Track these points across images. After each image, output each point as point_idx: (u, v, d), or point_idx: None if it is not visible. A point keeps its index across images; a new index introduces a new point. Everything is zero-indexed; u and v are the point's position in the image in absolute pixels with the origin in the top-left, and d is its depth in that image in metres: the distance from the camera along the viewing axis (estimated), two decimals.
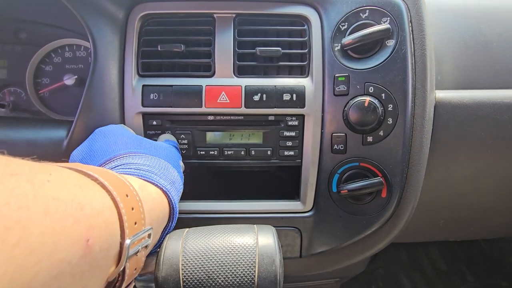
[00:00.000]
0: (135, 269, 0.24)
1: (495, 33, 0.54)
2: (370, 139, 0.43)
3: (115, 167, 0.31)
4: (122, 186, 0.24)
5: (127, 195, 0.23)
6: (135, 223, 0.23)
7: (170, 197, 0.30)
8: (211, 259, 0.23)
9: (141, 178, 0.29)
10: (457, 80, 0.52)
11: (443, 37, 0.53)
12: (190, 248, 0.24)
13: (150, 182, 0.29)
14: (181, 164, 0.41)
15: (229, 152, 0.46)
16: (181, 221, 0.47)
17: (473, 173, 0.53)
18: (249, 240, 0.25)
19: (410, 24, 0.42)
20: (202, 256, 0.23)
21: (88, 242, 0.18)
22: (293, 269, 0.52)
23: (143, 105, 0.44)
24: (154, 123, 0.45)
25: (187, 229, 0.27)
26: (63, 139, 0.43)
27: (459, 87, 0.51)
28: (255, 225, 0.27)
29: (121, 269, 0.22)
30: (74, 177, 0.21)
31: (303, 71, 0.45)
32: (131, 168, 0.30)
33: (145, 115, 0.45)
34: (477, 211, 0.60)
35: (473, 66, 0.52)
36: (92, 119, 0.43)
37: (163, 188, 0.30)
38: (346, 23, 0.43)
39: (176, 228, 0.47)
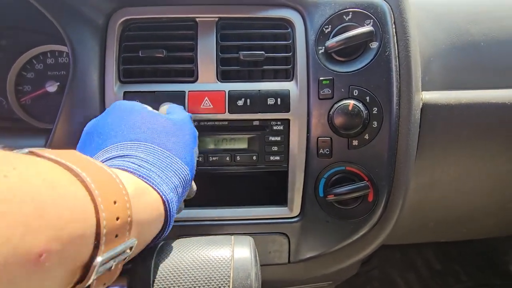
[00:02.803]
0: (104, 284, 0.21)
1: (483, 33, 0.54)
2: (355, 142, 0.42)
3: (118, 157, 0.27)
4: (112, 188, 0.20)
5: (115, 202, 0.20)
6: (116, 236, 0.19)
7: (169, 207, 0.26)
8: (184, 274, 0.22)
9: (141, 179, 0.25)
10: (445, 80, 0.51)
11: (430, 37, 0.52)
12: (162, 263, 0.23)
13: (150, 186, 0.26)
14: (196, 151, 0.35)
15: (214, 158, 0.45)
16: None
17: (461, 174, 0.53)
18: (225, 253, 0.24)
19: (393, 26, 0.42)
20: (175, 271, 0.23)
21: (41, 258, 0.15)
22: (283, 275, 0.52)
23: None
24: None
25: (161, 242, 0.27)
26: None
27: (448, 87, 0.51)
28: (232, 236, 0.27)
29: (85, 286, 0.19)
30: (48, 171, 0.18)
31: (288, 75, 0.45)
32: (134, 163, 0.26)
33: None
34: (466, 212, 0.59)
35: (461, 66, 0.52)
36: (72, 127, 0.42)
37: (163, 196, 0.26)
38: (330, 26, 0.43)
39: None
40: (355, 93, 0.41)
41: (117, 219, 0.20)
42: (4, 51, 0.53)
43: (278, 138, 0.45)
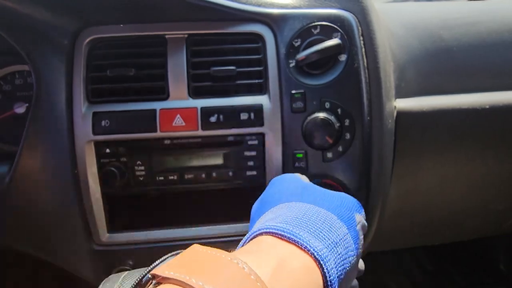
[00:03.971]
0: None
1: (455, 38, 0.55)
2: (330, 155, 0.42)
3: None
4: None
5: None
6: None
7: (325, 267, 0.21)
8: None
9: (285, 239, 0.21)
10: (421, 86, 0.52)
11: (404, 44, 0.53)
12: None
13: (296, 245, 0.21)
14: (360, 219, 0.29)
15: (189, 176, 0.44)
16: (145, 252, 0.45)
17: (439, 179, 0.53)
18: None
19: (361, 38, 0.42)
20: None
21: None
22: None
23: (94, 133, 0.42)
24: (108, 150, 0.43)
25: (126, 272, 0.25)
26: (5, 175, 0.40)
27: (424, 93, 0.52)
28: None
29: None
30: None
31: (261, 89, 0.44)
32: (279, 222, 0.23)
33: (97, 144, 0.43)
34: (449, 216, 0.60)
35: (435, 71, 0.53)
36: (38, 151, 0.40)
37: (315, 253, 0.21)
38: (299, 40, 0.43)
39: (141, 259, 0.45)
40: (327, 105, 0.41)
41: None
42: None
43: (254, 153, 0.44)
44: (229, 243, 0.46)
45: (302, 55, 0.41)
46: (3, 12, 0.38)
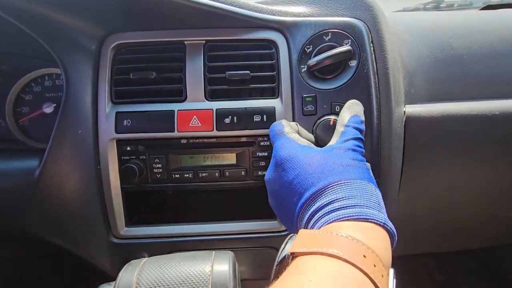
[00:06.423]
0: None
1: (465, 46, 0.56)
2: None
3: (329, 212, 0.29)
4: (358, 250, 0.25)
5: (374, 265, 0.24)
6: (382, 276, 0.24)
7: (391, 229, 0.29)
8: None
9: (361, 220, 0.28)
10: (431, 92, 0.53)
11: (414, 52, 0.54)
12: (144, 279, 0.24)
13: (371, 222, 0.28)
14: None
15: (204, 174, 0.46)
16: (159, 246, 0.48)
17: (448, 185, 0.53)
18: (204, 268, 0.25)
19: (371, 45, 0.44)
20: (156, 287, 0.23)
21: None
22: None
23: (116, 132, 0.45)
24: (128, 148, 0.46)
25: (146, 258, 0.28)
26: (35, 169, 0.43)
27: (434, 99, 0.52)
28: (213, 252, 0.27)
29: None
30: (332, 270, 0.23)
31: (274, 93, 0.46)
32: (347, 207, 0.28)
33: (119, 141, 0.45)
34: (457, 223, 0.60)
35: (445, 78, 0.54)
36: (65, 147, 0.43)
37: (387, 226, 0.28)
38: (311, 46, 0.45)
39: (155, 252, 0.47)
40: (337, 109, 0.43)
41: (374, 266, 0.25)
42: (4, 75, 0.56)
43: (266, 154, 0.46)
44: (237, 240, 0.48)
45: (313, 60, 0.43)
46: (41, 21, 0.41)
